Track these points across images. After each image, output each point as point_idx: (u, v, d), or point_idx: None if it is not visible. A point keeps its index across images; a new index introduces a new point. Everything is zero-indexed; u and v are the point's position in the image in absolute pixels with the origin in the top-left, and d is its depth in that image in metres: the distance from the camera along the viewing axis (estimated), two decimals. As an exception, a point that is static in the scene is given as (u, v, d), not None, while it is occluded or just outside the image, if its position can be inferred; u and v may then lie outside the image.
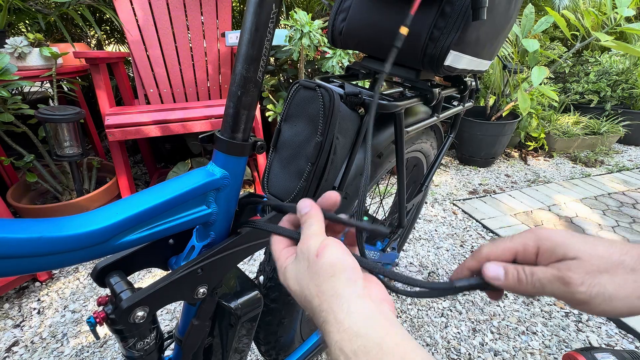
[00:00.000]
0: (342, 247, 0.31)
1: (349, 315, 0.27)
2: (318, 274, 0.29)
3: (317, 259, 0.30)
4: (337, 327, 0.26)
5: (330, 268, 0.29)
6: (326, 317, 0.27)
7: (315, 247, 0.31)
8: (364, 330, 0.26)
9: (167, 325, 1.22)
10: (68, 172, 1.64)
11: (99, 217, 0.36)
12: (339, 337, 0.26)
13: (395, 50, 0.41)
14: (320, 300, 0.28)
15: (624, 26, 2.04)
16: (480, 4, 0.46)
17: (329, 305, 0.28)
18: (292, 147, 0.49)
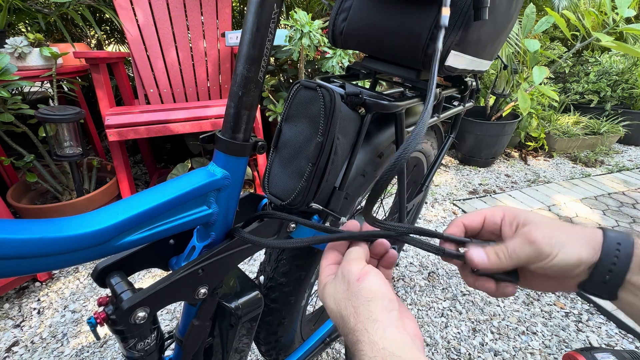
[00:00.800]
0: (383, 277, 0.33)
1: (384, 339, 0.28)
2: (357, 296, 0.31)
3: (358, 283, 0.32)
4: (371, 347, 0.28)
5: (370, 293, 0.31)
6: (360, 337, 0.29)
7: (357, 271, 0.33)
8: (398, 352, 0.27)
9: (168, 326, 1.22)
10: (68, 172, 1.64)
11: (99, 218, 0.36)
12: (372, 355, 0.27)
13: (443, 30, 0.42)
14: (356, 320, 0.30)
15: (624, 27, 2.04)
16: (482, 4, 0.46)
17: (364, 326, 0.29)
18: (292, 147, 0.49)
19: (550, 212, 2.03)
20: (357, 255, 0.36)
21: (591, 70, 3.34)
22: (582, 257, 0.31)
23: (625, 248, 0.30)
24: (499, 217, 0.36)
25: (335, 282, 0.35)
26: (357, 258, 0.35)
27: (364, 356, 0.28)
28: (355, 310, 0.31)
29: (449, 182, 2.41)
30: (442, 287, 1.44)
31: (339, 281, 0.34)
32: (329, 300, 0.34)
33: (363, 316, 0.30)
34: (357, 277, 0.33)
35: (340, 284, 0.34)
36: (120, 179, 1.66)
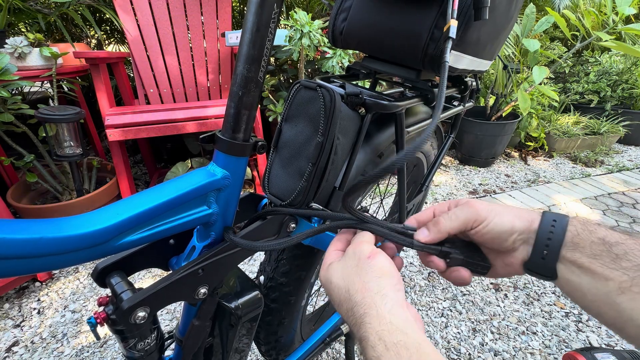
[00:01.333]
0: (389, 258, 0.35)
1: (391, 314, 0.29)
2: (366, 272, 0.33)
3: (369, 260, 0.34)
4: (379, 320, 0.29)
5: (380, 270, 0.33)
6: (367, 310, 0.30)
7: (367, 251, 0.35)
8: (404, 329, 0.28)
9: (168, 326, 1.22)
10: (68, 172, 1.64)
11: (99, 218, 0.36)
12: (379, 328, 0.28)
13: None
14: (364, 295, 0.31)
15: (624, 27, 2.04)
16: (482, 4, 0.46)
17: (373, 300, 0.31)
18: (292, 147, 0.49)
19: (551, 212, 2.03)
20: (368, 238, 0.38)
21: (591, 70, 3.34)
22: (515, 226, 0.34)
23: (560, 224, 0.33)
24: (445, 206, 0.40)
25: (345, 260, 0.36)
26: (368, 241, 0.37)
27: (370, 328, 0.29)
28: (364, 285, 0.32)
29: (449, 182, 2.41)
30: (442, 287, 1.44)
31: (349, 258, 0.36)
32: (335, 276, 0.35)
33: (372, 291, 0.31)
34: (368, 255, 0.34)
35: (351, 260, 0.35)
36: (120, 179, 1.66)
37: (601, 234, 0.32)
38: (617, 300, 0.30)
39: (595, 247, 0.31)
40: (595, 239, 0.31)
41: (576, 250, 0.32)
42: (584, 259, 0.31)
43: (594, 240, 0.31)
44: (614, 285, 0.30)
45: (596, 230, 0.32)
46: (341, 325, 0.93)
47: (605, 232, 0.32)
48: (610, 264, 0.30)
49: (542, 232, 0.33)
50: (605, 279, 0.30)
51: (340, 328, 0.92)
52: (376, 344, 0.27)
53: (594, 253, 0.31)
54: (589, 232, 0.32)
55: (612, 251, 0.30)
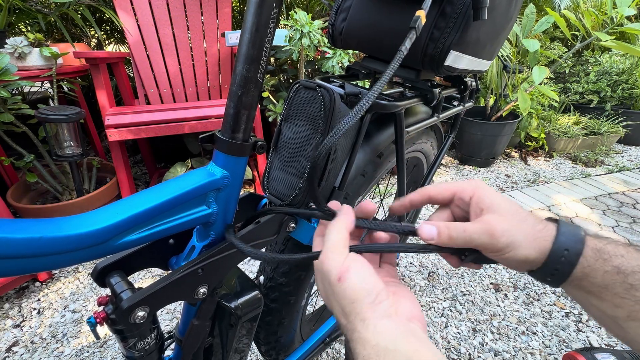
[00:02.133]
0: (364, 266, 0.31)
1: (375, 334, 0.28)
2: (340, 296, 0.30)
3: (340, 283, 0.30)
4: (363, 345, 0.27)
5: (353, 293, 0.30)
6: (351, 336, 0.29)
7: (336, 270, 0.31)
8: (392, 345, 0.27)
9: (167, 325, 1.22)
10: (68, 172, 1.64)
11: (99, 217, 0.36)
12: (366, 352, 0.27)
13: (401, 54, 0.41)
14: (347, 320, 0.30)
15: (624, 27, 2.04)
16: (481, 4, 0.46)
17: (354, 326, 0.29)
18: (292, 147, 0.49)
19: (550, 212, 2.03)
20: (334, 243, 0.33)
21: (591, 70, 3.34)
22: (530, 258, 0.32)
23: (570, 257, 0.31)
24: (468, 195, 0.36)
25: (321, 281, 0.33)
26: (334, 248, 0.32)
27: (358, 355, 0.28)
28: (342, 310, 0.30)
29: (449, 182, 2.41)
30: (442, 287, 1.44)
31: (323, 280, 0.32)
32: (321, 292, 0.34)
33: (351, 316, 0.29)
34: (338, 277, 0.31)
35: (323, 283, 0.32)
36: (120, 179, 1.66)
37: (616, 262, 0.30)
38: (624, 325, 0.29)
39: (608, 276, 0.30)
40: (610, 267, 0.30)
41: (585, 279, 0.31)
42: (594, 288, 0.30)
43: (607, 270, 0.30)
44: (623, 312, 0.29)
45: (611, 258, 0.30)
46: (341, 325, 0.93)
47: (620, 260, 0.30)
48: (623, 293, 0.29)
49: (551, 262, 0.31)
50: (614, 305, 0.29)
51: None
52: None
53: (606, 283, 0.30)
54: (602, 261, 0.30)
55: (627, 281, 0.29)
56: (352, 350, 0.29)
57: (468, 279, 1.49)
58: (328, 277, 0.31)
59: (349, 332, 0.29)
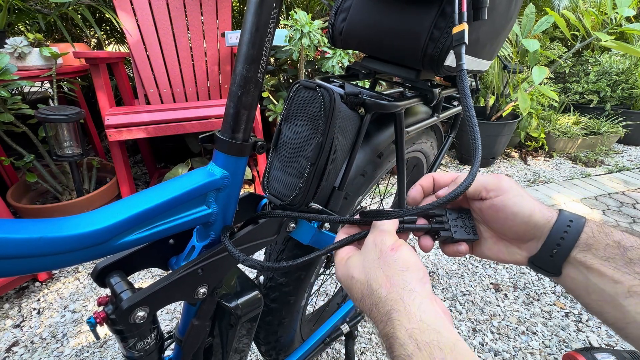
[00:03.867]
0: (415, 252, 0.33)
1: (421, 310, 0.28)
2: (390, 265, 0.31)
3: (392, 252, 0.32)
4: (408, 317, 0.27)
5: (404, 263, 0.31)
6: (394, 306, 0.28)
7: (390, 242, 0.33)
8: (437, 327, 0.27)
9: (167, 326, 1.22)
10: (68, 172, 1.64)
11: (99, 218, 0.36)
12: (410, 326, 0.27)
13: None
14: (389, 290, 0.30)
15: (624, 26, 2.04)
16: (481, 4, 0.46)
17: (399, 295, 0.29)
18: (292, 147, 0.49)
19: (550, 212, 2.03)
20: (389, 227, 0.35)
21: (591, 70, 3.34)
22: (534, 215, 0.33)
23: (577, 225, 0.32)
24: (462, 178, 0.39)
25: (365, 252, 0.34)
26: (388, 230, 0.35)
27: (399, 326, 0.27)
28: (388, 280, 0.30)
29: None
30: (442, 287, 1.44)
31: (370, 250, 0.33)
32: (356, 270, 0.33)
33: (398, 285, 0.30)
34: (391, 247, 0.32)
35: (371, 252, 0.33)
36: (120, 179, 1.66)
37: (617, 237, 0.31)
38: (624, 303, 0.30)
39: (609, 249, 0.31)
40: (611, 241, 0.31)
41: (588, 251, 0.32)
42: (595, 261, 0.31)
43: (609, 243, 0.31)
44: (623, 288, 0.30)
45: (612, 232, 0.32)
46: (341, 325, 0.93)
47: (621, 236, 0.31)
48: (623, 267, 0.30)
49: (556, 231, 0.33)
50: (614, 281, 0.30)
51: (340, 328, 0.92)
52: (406, 342, 0.26)
53: (607, 256, 0.31)
54: (604, 234, 0.32)
55: (627, 255, 0.30)
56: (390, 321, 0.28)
57: (468, 279, 1.49)
58: (380, 246, 0.33)
59: (390, 301, 0.29)
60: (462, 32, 0.43)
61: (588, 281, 0.32)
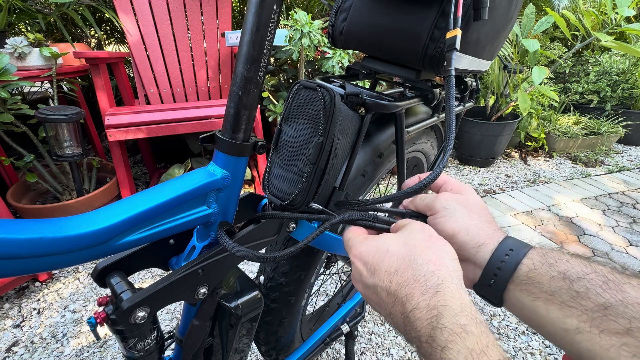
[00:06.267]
0: None
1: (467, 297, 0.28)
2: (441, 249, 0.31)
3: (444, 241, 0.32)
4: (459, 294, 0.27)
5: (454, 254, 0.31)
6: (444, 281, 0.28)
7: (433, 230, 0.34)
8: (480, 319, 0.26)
9: (168, 326, 1.22)
10: (68, 172, 1.64)
11: (99, 218, 0.36)
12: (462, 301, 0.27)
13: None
14: (439, 267, 0.29)
15: (624, 26, 2.04)
16: (482, 4, 0.46)
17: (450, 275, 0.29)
18: (292, 147, 0.49)
19: (550, 212, 2.03)
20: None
21: (591, 70, 3.34)
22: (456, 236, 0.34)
23: (515, 256, 0.31)
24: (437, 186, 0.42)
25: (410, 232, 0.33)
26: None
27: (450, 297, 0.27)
28: (439, 259, 0.29)
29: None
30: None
31: (417, 232, 0.33)
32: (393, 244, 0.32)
33: (449, 267, 0.29)
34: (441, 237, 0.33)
35: (419, 233, 0.32)
36: (120, 179, 1.66)
37: (562, 267, 0.30)
38: (576, 339, 0.28)
39: (554, 282, 0.30)
40: (556, 273, 0.30)
41: (531, 284, 0.31)
42: (541, 294, 0.30)
43: (553, 275, 0.30)
44: (572, 324, 0.28)
45: (557, 263, 0.30)
46: (341, 325, 0.93)
47: (566, 265, 0.30)
48: (570, 302, 0.29)
49: (493, 261, 0.32)
50: (563, 315, 0.29)
51: (340, 328, 0.92)
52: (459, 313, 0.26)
53: (552, 289, 0.30)
54: (548, 265, 0.30)
55: (573, 288, 0.29)
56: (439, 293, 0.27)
57: (468, 279, 1.49)
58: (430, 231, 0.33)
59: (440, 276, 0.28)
60: (454, 38, 0.43)
61: (536, 313, 0.31)
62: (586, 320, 0.28)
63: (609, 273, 0.29)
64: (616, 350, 0.26)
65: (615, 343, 0.26)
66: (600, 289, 0.28)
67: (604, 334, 0.27)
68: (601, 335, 0.27)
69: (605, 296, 0.27)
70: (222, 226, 0.44)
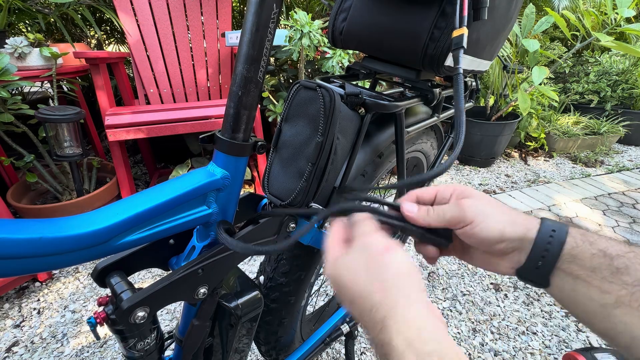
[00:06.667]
0: (409, 256, 0.33)
1: (419, 319, 0.26)
2: (384, 270, 0.29)
3: (385, 254, 0.30)
4: (406, 325, 0.26)
5: (399, 266, 0.30)
6: (389, 313, 0.27)
7: (382, 243, 0.32)
8: (436, 337, 0.25)
9: (168, 326, 1.22)
10: (68, 172, 1.64)
11: (99, 218, 0.36)
12: (408, 334, 0.25)
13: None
14: (384, 295, 0.28)
15: (624, 27, 2.04)
16: (482, 4, 0.46)
17: (395, 302, 0.27)
18: (292, 147, 0.49)
19: (550, 212, 2.03)
20: (375, 228, 0.34)
21: (591, 70, 3.34)
22: (506, 233, 0.32)
23: (559, 235, 0.31)
24: (449, 192, 0.38)
25: (354, 254, 0.32)
26: (375, 231, 0.34)
27: (396, 333, 0.26)
28: (382, 285, 0.29)
29: (448, 182, 2.41)
30: (442, 287, 1.44)
31: (359, 253, 0.32)
32: (346, 273, 0.31)
33: (392, 291, 0.28)
34: (383, 249, 0.31)
35: (361, 255, 0.31)
36: (120, 179, 1.66)
37: (602, 245, 0.30)
38: (613, 313, 0.29)
39: (595, 259, 0.30)
40: (596, 250, 0.30)
41: (574, 262, 0.31)
42: (582, 271, 0.30)
43: (594, 253, 0.30)
44: (611, 298, 0.29)
45: (597, 241, 0.31)
46: (341, 325, 0.93)
47: (606, 244, 0.30)
48: (610, 277, 0.29)
49: (539, 243, 0.32)
50: (602, 291, 0.29)
51: (340, 328, 0.92)
52: (405, 351, 0.25)
53: (594, 266, 0.30)
54: (589, 243, 0.31)
55: (613, 264, 0.29)
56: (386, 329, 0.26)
57: (468, 279, 1.49)
58: (370, 249, 0.31)
59: (385, 307, 0.27)
60: (462, 37, 0.43)
61: (576, 292, 0.31)
62: (625, 294, 0.28)
63: None
64: None
65: None
66: (639, 265, 0.29)
67: None
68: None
69: None
70: (222, 225, 0.44)
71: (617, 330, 0.29)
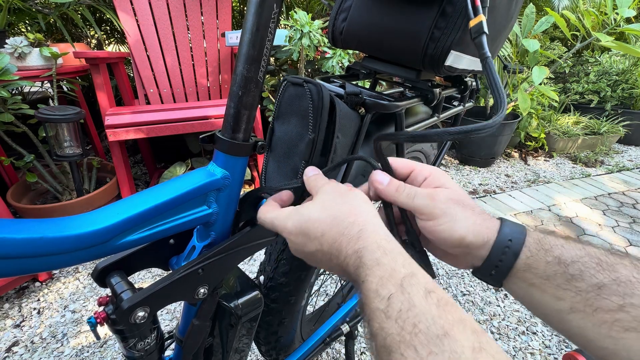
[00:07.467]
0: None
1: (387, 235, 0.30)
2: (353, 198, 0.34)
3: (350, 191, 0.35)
4: (378, 233, 0.30)
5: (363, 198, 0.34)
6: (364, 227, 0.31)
7: (343, 185, 0.36)
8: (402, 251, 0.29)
9: (168, 325, 1.22)
10: (68, 172, 1.64)
11: (99, 218, 0.36)
12: (378, 237, 0.30)
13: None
14: (356, 217, 0.32)
15: (624, 27, 2.05)
16: (482, 4, 0.46)
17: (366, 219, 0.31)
18: (285, 145, 0.49)
19: (551, 212, 2.03)
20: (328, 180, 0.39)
21: (591, 70, 3.34)
22: (465, 241, 0.33)
23: (515, 246, 0.32)
24: (424, 175, 0.38)
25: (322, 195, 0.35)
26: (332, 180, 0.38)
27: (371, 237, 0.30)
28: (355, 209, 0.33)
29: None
30: (442, 287, 1.44)
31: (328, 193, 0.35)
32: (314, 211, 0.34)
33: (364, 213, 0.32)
34: (347, 188, 0.36)
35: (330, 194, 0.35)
36: (120, 179, 1.66)
37: (557, 252, 0.30)
38: (567, 318, 0.29)
39: (550, 267, 0.30)
40: (551, 258, 0.30)
41: (528, 271, 0.31)
42: (536, 280, 0.31)
43: (549, 261, 0.30)
44: (566, 304, 0.29)
45: (552, 248, 0.31)
46: (341, 325, 0.93)
47: (561, 250, 0.30)
48: (564, 285, 0.29)
49: (494, 253, 0.32)
50: (557, 298, 0.30)
51: (340, 328, 0.92)
52: (375, 250, 0.28)
53: (548, 274, 0.30)
54: (544, 251, 0.31)
55: (568, 271, 0.29)
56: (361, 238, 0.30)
57: (468, 279, 1.49)
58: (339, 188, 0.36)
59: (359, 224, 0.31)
60: (480, 24, 0.43)
61: (531, 296, 0.31)
62: (580, 300, 0.28)
63: (602, 255, 0.29)
64: (608, 326, 0.27)
65: (608, 319, 0.27)
66: (593, 270, 0.29)
67: (597, 312, 0.27)
68: (594, 313, 0.28)
69: (599, 277, 0.28)
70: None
71: (572, 333, 0.29)
